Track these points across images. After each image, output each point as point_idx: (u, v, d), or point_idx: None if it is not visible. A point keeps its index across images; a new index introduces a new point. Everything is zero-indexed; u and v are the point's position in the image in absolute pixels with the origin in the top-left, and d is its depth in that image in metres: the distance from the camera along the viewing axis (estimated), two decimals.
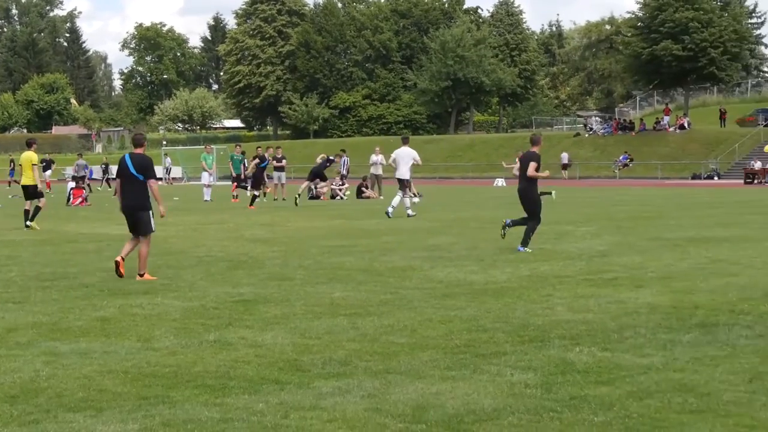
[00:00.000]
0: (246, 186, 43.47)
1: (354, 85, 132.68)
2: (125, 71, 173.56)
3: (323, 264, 17.79)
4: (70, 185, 46.94)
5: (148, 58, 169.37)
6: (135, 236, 16.28)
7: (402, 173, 31.64)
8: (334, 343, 10.31)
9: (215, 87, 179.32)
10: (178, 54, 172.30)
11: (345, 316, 11.95)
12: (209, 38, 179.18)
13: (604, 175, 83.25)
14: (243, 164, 48.02)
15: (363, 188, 47.21)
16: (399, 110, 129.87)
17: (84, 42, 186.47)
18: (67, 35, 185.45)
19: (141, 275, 15.80)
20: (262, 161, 41.66)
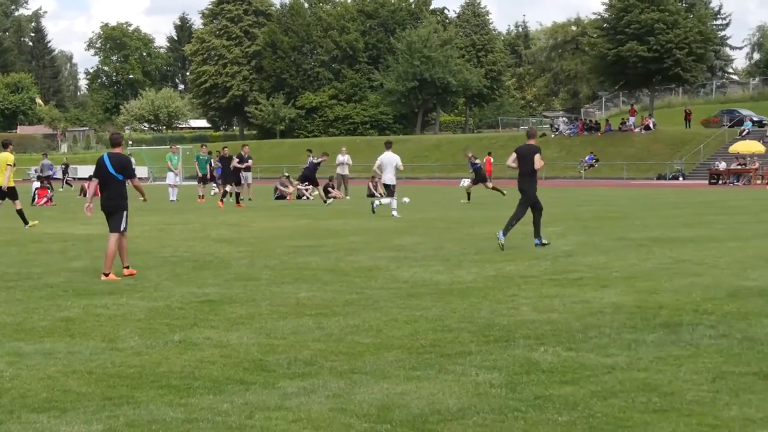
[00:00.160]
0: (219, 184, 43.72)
1: (320, 86, 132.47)
2: (91, 71, 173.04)
3: (289, 264, 17.77)
4: (35, 185, 46.62)
5: (114, 58, 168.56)
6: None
7: (387, 179, 31.78)
8: (300, 343, 10.30)
9: (181, 87, 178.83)
10: (144, 54, 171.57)
11: (311, 316, 11.94)
12: (175, 38, 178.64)
13: (570, 176, 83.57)
14: (209, 164, 47.90)
15: (329, 188, 47.13)
16: (365, 110, 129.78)
17: (49, 41, 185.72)
18: (33, 35, 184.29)
19: (106, 275, 15.73)
20: (242, 160, 41.51)
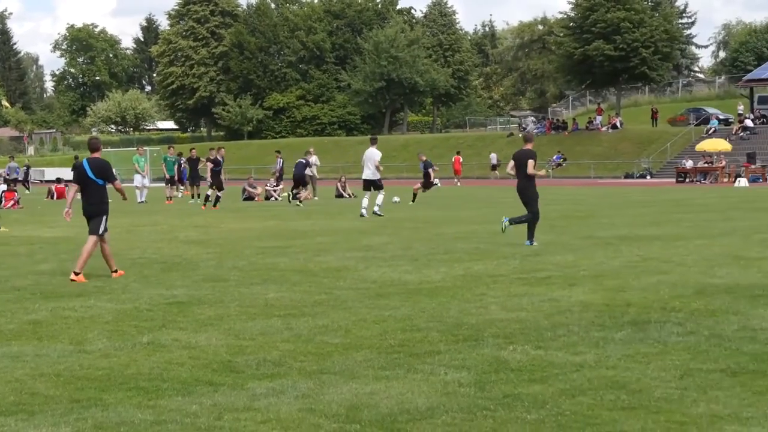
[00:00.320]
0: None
1: (288, 86, 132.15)
2: (57, 73, 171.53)
3: (257, 265, 17.75)
4: (2, 188, 46.36)
5: (80, 60, 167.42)
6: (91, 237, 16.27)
7: (368, 174, 31.72)
8: (268, 344, 10.29)
9: (148, 88, 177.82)
10: (111, 55, 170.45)
11: (279, 317, 11.93)
12: (142, 39, 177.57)
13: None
14: (177, 165, 47.76)
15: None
16: (333, 111, 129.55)
17: (15, 43, 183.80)
18: None
19: (77, 274, 15.69)
20: (216, 164, 41.14)
